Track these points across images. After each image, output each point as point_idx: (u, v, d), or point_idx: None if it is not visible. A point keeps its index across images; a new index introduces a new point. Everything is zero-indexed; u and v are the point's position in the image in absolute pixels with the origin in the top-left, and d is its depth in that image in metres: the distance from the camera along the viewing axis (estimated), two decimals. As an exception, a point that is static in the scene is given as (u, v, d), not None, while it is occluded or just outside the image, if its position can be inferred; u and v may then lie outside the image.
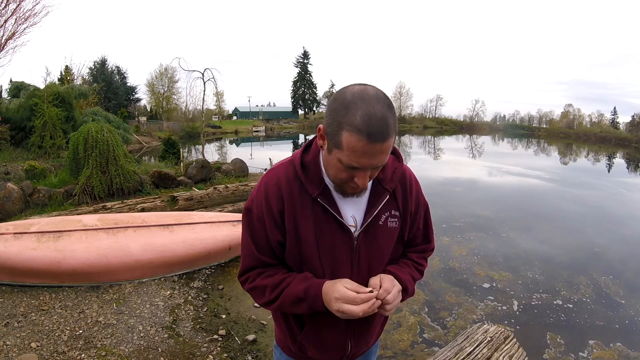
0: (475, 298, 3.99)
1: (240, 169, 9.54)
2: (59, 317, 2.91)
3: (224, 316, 3.20)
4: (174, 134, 22.75)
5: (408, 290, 1.08)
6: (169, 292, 3.44)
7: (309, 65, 64.45)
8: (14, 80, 16.23)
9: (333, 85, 64.97)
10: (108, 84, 32.83)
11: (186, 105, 39.87)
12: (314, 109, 65.46)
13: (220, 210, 5.80)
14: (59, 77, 25.74)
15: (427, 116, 65.41)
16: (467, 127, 59.85)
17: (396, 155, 1.08)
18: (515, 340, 2.08)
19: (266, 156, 13.58)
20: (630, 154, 30.01)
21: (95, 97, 20.14)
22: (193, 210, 5.90)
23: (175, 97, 42.73)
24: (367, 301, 0.91)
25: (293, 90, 64.73)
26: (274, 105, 72.49)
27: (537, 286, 4.31)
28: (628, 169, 20.85)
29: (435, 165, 17.55)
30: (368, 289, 0.94)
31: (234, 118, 63.00)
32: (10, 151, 10.65)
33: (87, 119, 12.26)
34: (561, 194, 10.70)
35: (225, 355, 2.67)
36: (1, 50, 13.21)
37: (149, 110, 41.10)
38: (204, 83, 11.93)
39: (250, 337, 2.89)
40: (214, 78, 12.08)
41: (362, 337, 1.13)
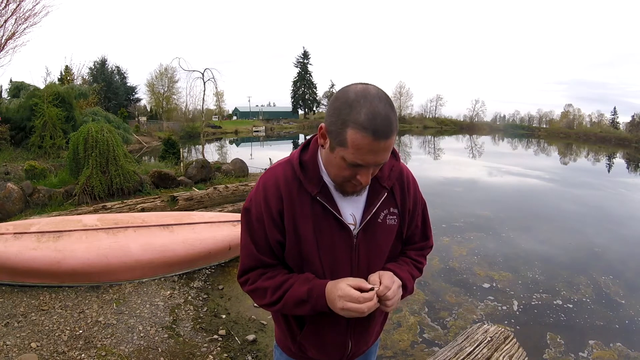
0: (475, 298, 3.99)
1: (240, 169, 9.54)
2: (59, 317, 2.91)
3: (224, 316, 3.20)
4: (174, 134, 22.75)
5: (407, 288, 1.08)
6: (169, 292, 3.44)
7: (309, 65, 64.51)
8: (14, 80, 16.27)
9: (333, 85, 65.06)
10: (108, 84, 32.83)
11: (186, 105, 39.88)
12: (314, 109, 65.47)
13: (220, 210, 5.80)
14: (59, 77, 25.77)
15: (427, 116, 65.41)
16: (467, 127, 59.83)
17: (393, 154, 1.08)
18: (515, 340, 2.08)
19: (266, 156, 13.58)
20: (630, 154, 30.01)
21: (95, 97, 20.14)
22: (193, 210, 5.90)
23: (175, 97, 42.78)
24: (370, 299, 0.92)
25: (293, 90, 64.76)
26: (274, 105, 72.51)
27: (537, 286, 4.31)
28: (628, 169, 20.85)
29: (435, 165, 17.55)
30: (370, 286, 0.94)
31: (234, 118, 63.01)
32: (10, 151, 10.65)
33: (87, 119, 12.27)
34: (561, 194, 10.70)
35: (225, 355, 2.67)
36: (1, 50, 13.22)
37: (149, 110, 41.10)
38: (204, 83, 11.94)
39: (250, 337, 2.89)
40: (214, 78, 12.10)
41: (362, 336, 1.14)
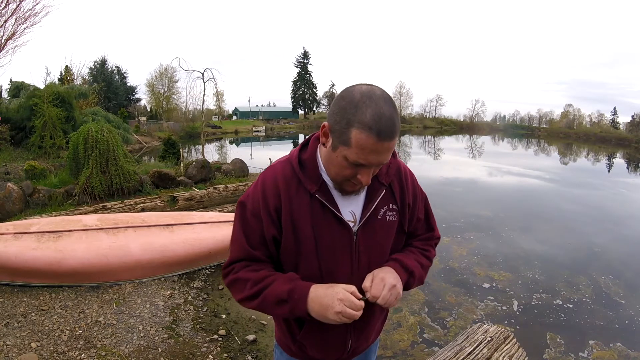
0: (475, 298, 3.99)
1: (240, 169, 9.54)
2: (59, 317, 2.91)
3: (224, 316, 3.20)
4: (174, 134, 22.79)
5: (415, 275, 1.09)
6: (169, 292, 3.44)
7: (309, 65, 64.55)
8: (14, 80, 16.26)
9: (333, 85, 65.15)
10: (108, 84, 32.82)
11: (186, 105, 40.00)
12: (314, 109, 65.47)
13: (220, 210, 5.80)
14: (59, 77, 25.79)
15: (427, 116, 65.44)
16: (467, 127, 59.83)
17: None
18: (515, 340, 2.08)
19: (266, 156, 13.57)
20: (630, 154, 30.01)
21: (95, 97, 20.12)
22: (193, 210, 5.90)
23: (175, 97, 42.85)
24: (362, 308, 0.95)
25: (293, 90, 64.78)
26: (274, 105, 72.53)
27: (537, 286, 4.31)
28: (628, 169, 20.85)
29: (435, 165, 17.55)
30: (359, 295, 0.96)
31: (234, 118, 63.04)
32: (10, 151, 10.65)
33: (87, 119, 12.25)
34: (561, 194, 10.70)
35: (225, 355, 2.67)
36: (1, 50, 13.21)
37: (149, 110, 41.11)
38: (204, 83, 11.98)
39: (250, 337, 2.89)
40: (214, 78, 12.14)
41: (362, 334, 1.14)
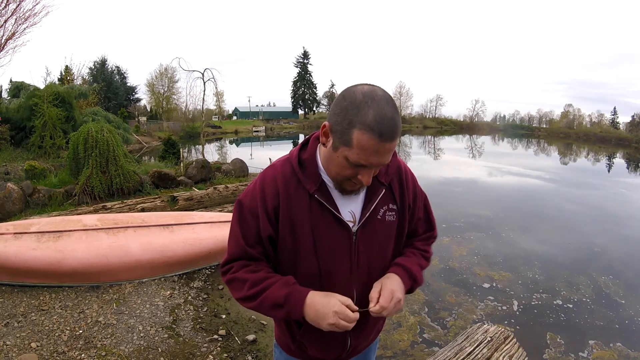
0: (475, 298, 3.99)
1: (240, 169, 9.54)
2: (59, 317, 2.91)
3: (224, 316, 3.20)
4: (174, 134, 22.79)
5: (417, 280, 1.10)
6: (169, 292, 3.44)
7: (309, 65, 64.55)
8: (14, 80, 16.25)
9: (333, 85, 65.16)
10: (108, 84, 32.83)
11: (186, 105, 40.02)
12: (314, 109, 65.47)
13: (220, 210, 5.80)
14: (59, 77, 25.78)
15: (427, 116, 65.43)
16: (467, 127, 59.83)
17: None
18: (515, 340, 2.08)
19: (266, 156, 13.56)
20: (630, 154, 30.00)
21: (95, 97, 20.13)
22: (193, 210, 5.90)
23: (175, 97, 42.85)
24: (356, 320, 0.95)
25: (293, 90, 64.78)
26: (274, 105, 72.53)
27: (537, 286, 4.31)
28: (628, 169, 20.85)
29: (435, 165, 17.55)
30: (355, 308, 0.96)
31: (234, 118, 63.03)
32: (10, 151, 10.65)
33: (87, 119, 12.25)
34: (561, 194, 10.70)
35: (225, 355, 2.67)
36: (1, 50, 13.21)
37: (149, 110, 41.11)
38: (204, 83, 11.99)
39: (250, 337, 2.89)
40: (214, 78, 12.15)
41: (362, 333, 1.14)
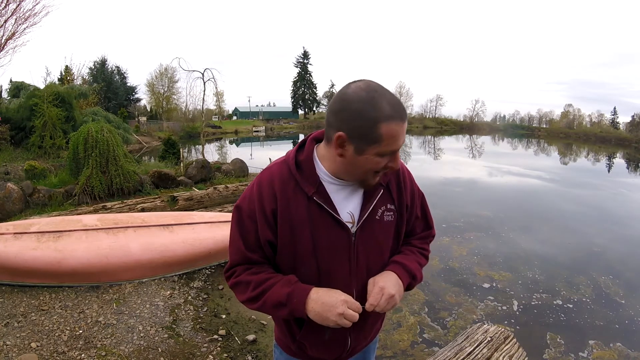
0: (475, 298, 3.99)
1: (240, 169, 9.54)
2: (59, 317, 2.91)
3: (224, 316, 3.20)
4: (174, 134, 22.80)
5: (417, 277, 1.11)
6: (169, 292, 3.44)
7: (309, 65, 64.53)
8: (14, 80, 16.24)
9: (333, 85, 65.06)
10: (108, 84, 32.80)
11: (186, 105, 40.06)
12: (314, 109, 65.45)
13: (220, 210, 5.80)
14: (59, 77, 25.73)
15: (427, 116, 65.41)
16: (467, 127, 59.84)
17: None
18: (515, 340, 2.08)
19: (266, 156, 13.58)
20: (630, 154, 30.01)
21: (95, 97, 20.13)
22: (193, 210, 5.90)
23: (175, 97, 42.84)
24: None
25: (293, 90, 64.75)
26: (274, 105, 72.52)
27: (537, 286, 4.31)
28: (628, 169, 20.85)
29: (435, 165, 17.55)
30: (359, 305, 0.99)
31: (234, 118, 63.01)
32: (10, 151, 10.65)
33: (87, 119, 12.25)
34: (561, 193, 10.70)
35: (225, 355, 2.67)
36: (1, 50, 13.21)
37: (149, 110, 41.08)
38: (204, 83, 11.99)
39: (250, 337, 2.89)
40: (214, 78, 12.16)
41: (362, 332, 1.15)
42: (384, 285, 1.01)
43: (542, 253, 5.40)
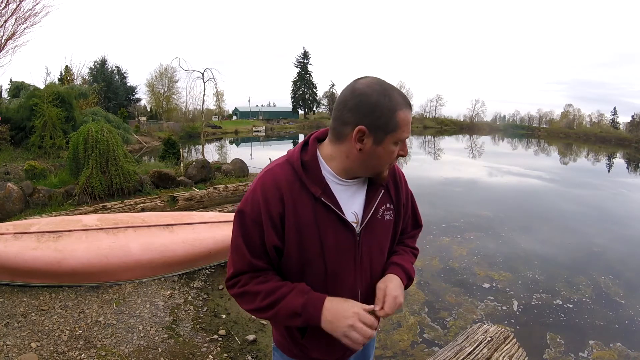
0: (475, 298, 3.99)
1: (240, 169, 9.54)
2: (59, 317, 2.91)
3: (224, 316, 3.20)
4: (174, 134, 22.80)
5: (412, 278, 1.14)
6: (169, 292, 3.44)
7: (309, 65, 64.50)
8: (14, 80, 16.24)
9: (333, 85, 65.10)
10: (108, 84, 32.79)
11: (186, 105, 40.07)
12: (314, 109, 65.43)
13: (220, 210, 5.80)
14: (59, 77, 25.73)
15: (427, 116, 65.43)
16: (467, 127, 59.86)
17: None
18: (515, 340, 2.08)
19: (266, 156, 13.57)
20: (630, 154, 30.01)
21: (95, 97, 20.11)
22: (193, 210, 5.90)
23: (175, 97, 42.83)
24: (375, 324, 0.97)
25: (293, 90, 64.73)
26: (274, 105, 72.50)
27: (537, 286, 4.31)
28: (628, 169, 20.85)
29: (435, 165, 17.55)
30: (370, 307, 0.98)
31: (234, 118, 63.00)
32: (10, 151, 10.65)
33: (87, 119, 12.24)
34: (561, 193, 10.70)
35: (225, 355, 2.67)
36: (1, 50, 13.21)
37: (149, 110, 41.07)
38: (204, 83, 11.99)
39: (250, 337, 2.89)
40: (214, 78, 12.16)
41: None
42: (396, 294, 1.01)
43: (542, 253, 5.41)
